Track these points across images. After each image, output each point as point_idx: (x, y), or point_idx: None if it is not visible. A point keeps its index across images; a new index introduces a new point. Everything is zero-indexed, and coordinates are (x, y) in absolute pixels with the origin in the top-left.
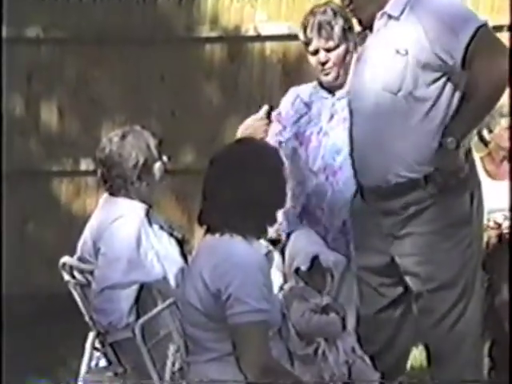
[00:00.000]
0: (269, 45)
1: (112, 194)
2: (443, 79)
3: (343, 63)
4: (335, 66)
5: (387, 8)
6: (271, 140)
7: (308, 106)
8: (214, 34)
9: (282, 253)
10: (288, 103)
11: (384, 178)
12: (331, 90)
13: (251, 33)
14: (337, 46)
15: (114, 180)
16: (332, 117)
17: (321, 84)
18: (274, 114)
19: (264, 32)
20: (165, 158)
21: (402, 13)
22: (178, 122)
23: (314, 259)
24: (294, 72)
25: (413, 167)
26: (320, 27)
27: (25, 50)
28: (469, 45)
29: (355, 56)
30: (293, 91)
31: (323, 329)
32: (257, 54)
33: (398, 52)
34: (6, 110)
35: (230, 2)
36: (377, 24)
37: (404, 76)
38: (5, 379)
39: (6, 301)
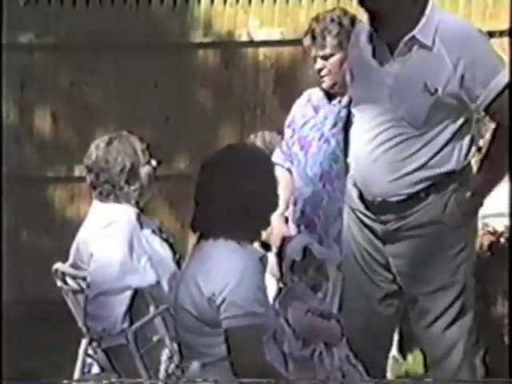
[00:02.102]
0: (262, 50)
1: (102, 200)
2: (457, 116)
3: (340, 71)
4: (330, 74)
5: (417, 33)
6: (286, 147)
7: (316, 110)
8: (207, 40)
9: (279, 256)
10: (299, 106)
11: (384, 194)
12: (334, 96)
13: (244, 38)
14: (332, 55)
15: (103, 186)
16: (336, 124)
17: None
18: (287, 120)
19: (257, 38)
20: (153, 162)
21: (433, 42)
22: (171, 128)
23: (306, 250)
24: (287, 77)
25: (414, 185)
26: (315, 36)
27: (18, 57)
28: (497, 96)
29: (369, 67)
30: (306, 94)
31: (324, 333)
32: (250, 60)
33: (426, 87)
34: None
35: (223, 8)
36: (402, 46)
37: (429, 115)
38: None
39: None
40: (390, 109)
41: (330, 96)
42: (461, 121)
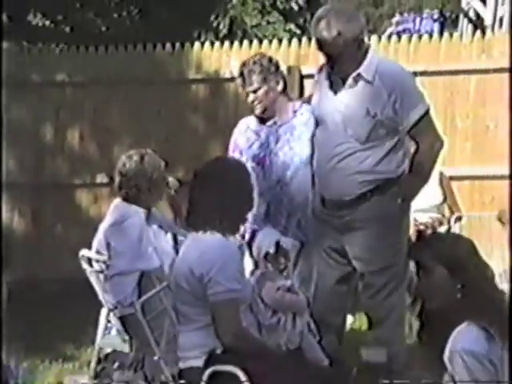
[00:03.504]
0: None
1: (125, 199)
2: (392, 135)
3: (267, 99)
4: (261, 103)
5: (361, 71)
6: None
7: (257, 133)
8: (198, 77)
9: (249, 246)
10: (240, 133)
11: (340, 194)
12: (267, 120)
13: (227, 75)
14: (257, 89)
15: (131, 189)
16: (278, 140)
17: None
18: (231, 142)
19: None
20: (170, 179)
21: (374, 78)
22: (171, 146)
23: (277, 244)
24: None
25: (361, 187)
26: (242, 75)
27: (54, 91)
28: (416, 123)
29: (323, 87)
30: (243, 122)
31: (293, 305)
32: (232, 92)
33: (368, 112)
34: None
35: (210, 52)
36: (350, 80)
37: (370, 133)
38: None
39: (40, 283)
40: (341, 129)
41: (263, 120)
42: (396, 138)
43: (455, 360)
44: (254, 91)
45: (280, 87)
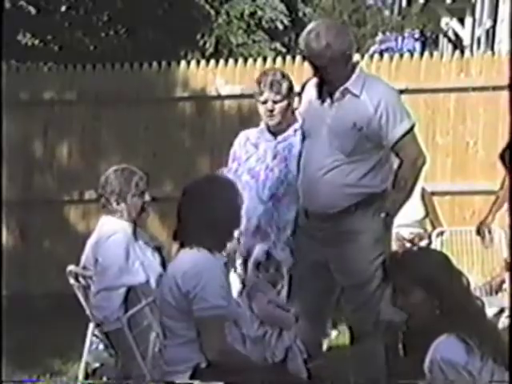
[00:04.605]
0: (227, 102)
1: (104, 212)
2: (378, 150)
3: (286, 113)
4: (279, 114)
5: (349, 85)
6: (230, 175)
7: (256, 146)
8: (185, 94)
9: (245, 262)
10: (240, 145)
11: (325, 207)
12: (275, 133)
13: (213, 93)
14: (282, 100)
15: (101, 200)
16: (275, 156)
17: (268, 128)
18: (230, 154)
19: (223, 92)
20: (147, 196)
21: (361, 93)
22: (158, 162)
23: (268, 254)
24: (247, 122)
25: (347, 200)
26: (272, 83)
27: (43, 109)
28: (400, 139)
29: (311, 103)
30: (243, 134)
31: (282, 320)
32: (217, 110)
33: (355, 125)
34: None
35: (196, 70)
36: (338, 94)
37: (356, 146)
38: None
39: (28, 298)
40: (328, 141)
41: (270, 132)
42: (381, 153)
43: (434, 369)
44: (276, 101)
45: (294, 106)
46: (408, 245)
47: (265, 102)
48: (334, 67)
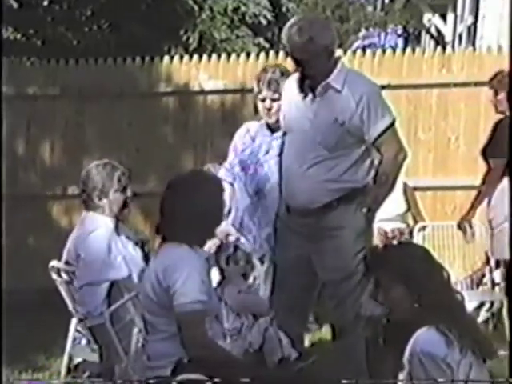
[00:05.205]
0: (210, 97)
1: (85, 208)
2: (359, 145)
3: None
4: (277, 113)
5: (331, 80)
6: (229, 166)
7: (253, 139)
8: (168, 89)
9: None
10: (240, 135)
11: (307, 202)
12: (273, 129)
13: (196, 88)
14: (280, 98)
15: (83, 196)
16: (268, 152)
17: (267, 124)
18: (231, 146)
19: (206, 88)
20: (129, 192)
21: (343, 87)
22: (142, 157)
23: (236, 247)
24: (229, 118)
25: (329, 195)
26: (270, 82)
27: (25, 103)
28: (381, 134)
29: (294, 101)
30: (245, 126)
31: (255, 306)
32: (201, 105)
33: (337, 120)
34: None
35: (179, 65)
36: (320, 89)
37: (338, 141)
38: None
39: (11, 293)
40: (310, 137)
41: (269, 128)
42: (363, 148)
43: (414, 362)
44: (274, 100)
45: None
46: (389, 239)
47: (263, 100)
48: (316, 61)
